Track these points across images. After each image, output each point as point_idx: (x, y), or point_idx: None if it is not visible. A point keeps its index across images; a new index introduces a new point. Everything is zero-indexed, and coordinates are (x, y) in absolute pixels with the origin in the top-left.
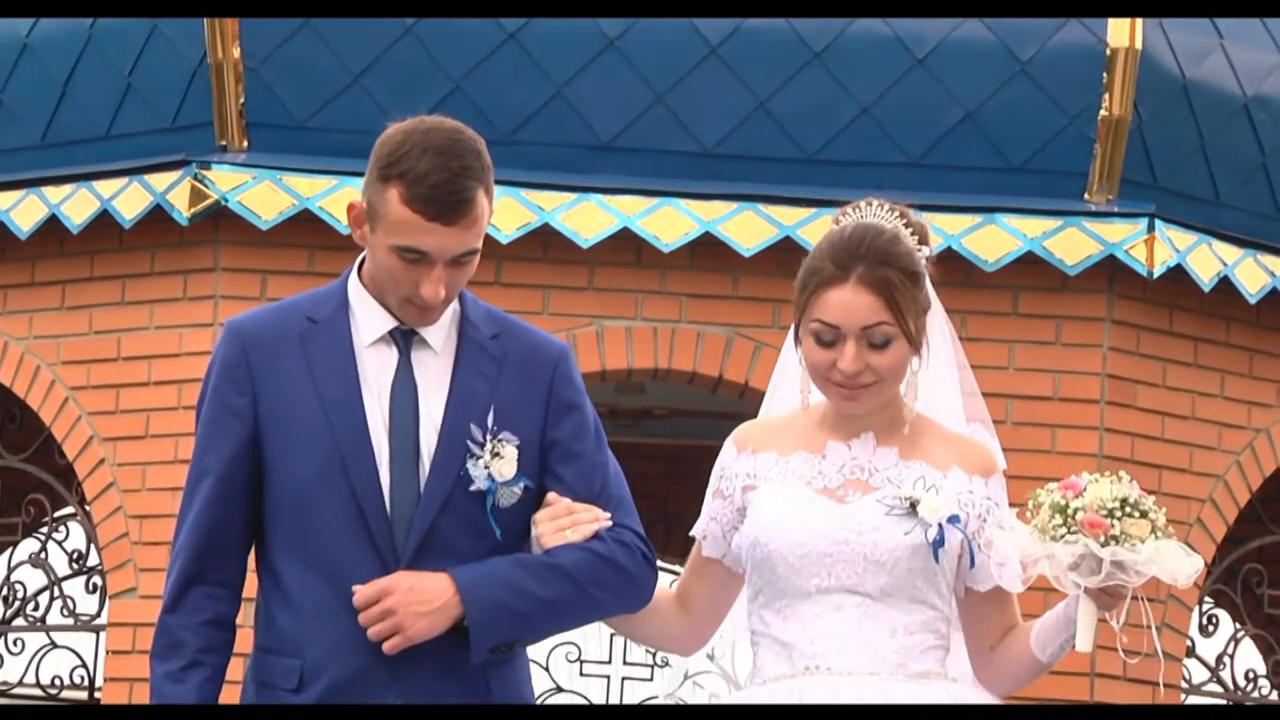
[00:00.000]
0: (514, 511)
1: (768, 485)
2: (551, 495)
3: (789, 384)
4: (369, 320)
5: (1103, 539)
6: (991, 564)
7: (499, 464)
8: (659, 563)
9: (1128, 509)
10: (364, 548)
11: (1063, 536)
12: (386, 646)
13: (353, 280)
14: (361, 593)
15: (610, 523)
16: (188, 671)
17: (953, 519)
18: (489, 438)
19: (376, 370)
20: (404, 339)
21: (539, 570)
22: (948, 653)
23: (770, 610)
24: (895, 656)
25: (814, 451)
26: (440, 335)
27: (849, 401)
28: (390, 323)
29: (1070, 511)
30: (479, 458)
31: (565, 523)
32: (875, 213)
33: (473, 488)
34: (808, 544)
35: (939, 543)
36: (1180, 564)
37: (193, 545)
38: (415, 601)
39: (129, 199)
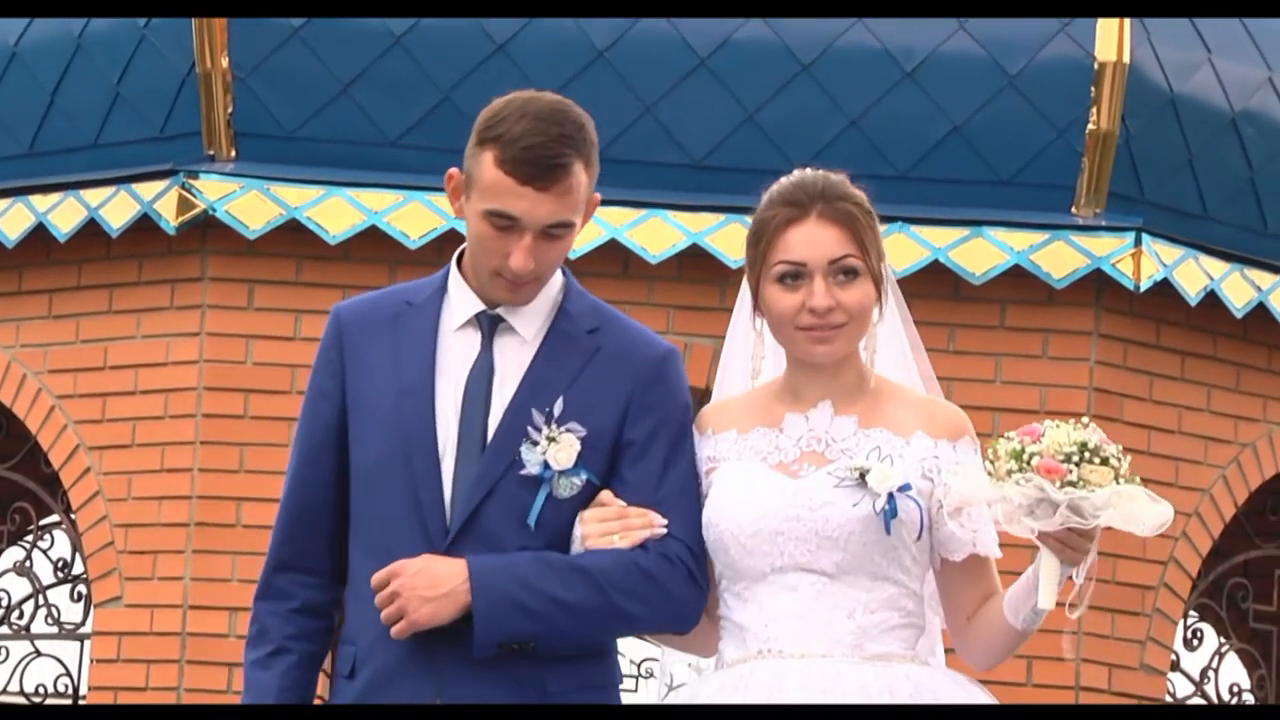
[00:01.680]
0: (571, 507)
1: (725, 464)
2: (605, 495)
3: (739, 359)
4: (461, 303)
5: (1058, 484)
6: (964, 531)
7: (555, 450)
8: None
9: (1087, 454)
10: (416, 535)
11: (1015, 479)
12: (393, 631)
13: (453, 266)
14: (376, 574)
15: (664, 531)
16: (274, 658)
17: (904, 488)
18: (551, 424)
19: (458, 356)
20: (490, 324)
21: (563, 570)
22: (921, 633)
23: (731, 594)
24: (851, 638)
25: (772, 426)
26: (533, 325)
27: (820, 345)
28: (478, 305)
29: (1026, 457)
30: (536, 443)
31: (614, 526)
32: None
33: (523, 472)
34: (759, 523)
35: (890, 513)
36: (1144, 511)
37: (282, 529)
38: (421, 586)
39: (116, 208)
